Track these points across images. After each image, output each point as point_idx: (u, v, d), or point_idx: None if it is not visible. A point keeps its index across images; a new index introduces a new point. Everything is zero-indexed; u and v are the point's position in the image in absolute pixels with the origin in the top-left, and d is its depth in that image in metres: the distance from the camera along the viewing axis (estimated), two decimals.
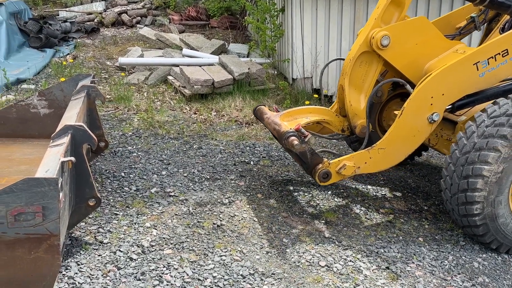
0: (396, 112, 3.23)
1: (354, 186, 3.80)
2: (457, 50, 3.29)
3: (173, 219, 3.04)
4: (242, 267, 2.61)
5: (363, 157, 3.14)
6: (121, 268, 2.49)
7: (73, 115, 2.90)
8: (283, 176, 3.84)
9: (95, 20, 9.92)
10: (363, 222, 3.25)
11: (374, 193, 3.72)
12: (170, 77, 6.12)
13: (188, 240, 2.81)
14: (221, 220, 3.07)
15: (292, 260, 2.73)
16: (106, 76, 6.49)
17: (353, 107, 3.34)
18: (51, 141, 2.47)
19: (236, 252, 2.75)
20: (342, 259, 2.79)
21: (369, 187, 3.82)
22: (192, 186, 3.51)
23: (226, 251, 2.74)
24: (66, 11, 10.11)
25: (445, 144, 3.50)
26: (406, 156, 3.24)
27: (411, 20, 3.29)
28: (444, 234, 3.18)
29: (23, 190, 1.92)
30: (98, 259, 2.54)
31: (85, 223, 2.88)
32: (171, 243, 2.76)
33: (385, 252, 2.91)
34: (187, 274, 2.50)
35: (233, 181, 3.66)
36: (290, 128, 3.02)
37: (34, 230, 1.98)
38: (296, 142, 2.90)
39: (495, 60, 3.11)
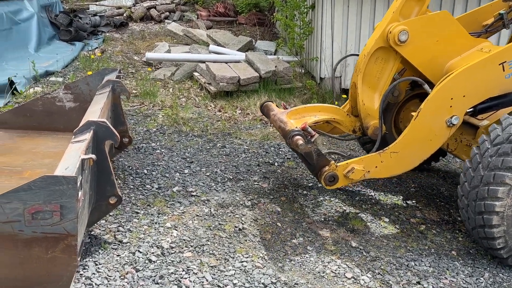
0: (413, 113, 3.03)
1: (383, 192, 3.63)
2: (482, 49, 3.04)
3: (194, 220, 2.96)
4: (263, 275, 2.50)
5: (374, 160, 2.95)
6: (139, 270, 2.42)
7: (96, 110, 2.85)
8: (308, 179, 3.71)
9: (124, 15, 9.99)
10: (392, 232, 3.08)
11: (405, 201, 3.54)
12: (196, 74, 6.06)
13: (208, 243, 2.72)
14: (243, 223, 2.96)
15: (316, 270, 2.60)
16: (133, 71, 6.49)
17: (366, 107, 3.15)
18: (73, 136, 2.42)
19: (258, 258, 2.64)
20: (370, 271, 2.64)
21: (399, 194, 3.64)
22: (214, 186, 3.42)
23: (247, 257, 2.63)
24: (96, 5, 10.21)
25: (464, 150, 3.28)
26: (421, 161, 3.03)
27: (432, 15, 3.06)
28: (479, 248, 2.98)
29: (41, 187, 1.87)
30: (117, 260, 2.48)
31: (106, 221, 2.83)
32: (191, 246, 2.68)
33: (416, 265, 2.74)
34: (207, 280, 2.41)
35: (256, 183, 3.55)
36: (296, 127, 2.86)
37: (52, 229, 1.93)
38: (300, 142, 2.74)
39: None
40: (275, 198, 3.35)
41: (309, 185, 3.62)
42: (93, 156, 2.18)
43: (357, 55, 3.31)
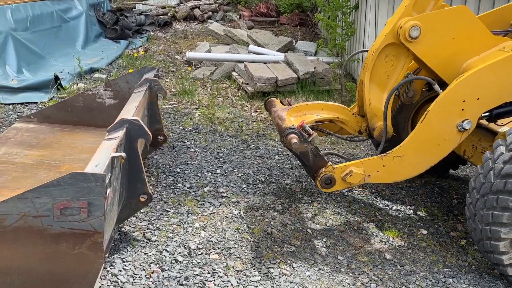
0: None
1: (423, 202, 3.45)
2: (503, 48, 2.75)
3: (223, 221, 2.93)
4: (290, 283, 2.43)
5: (375, 164, 2.76)
6: (165, 270, 2.41)
7: (132, 108, 2.88)
8: None
9: (169, 14, 10.19)
10: (430, 245, 2.91)
11: (446, 213, 3.34)
12: (234, 73, 6.06)
13: (236, 246, 2.68)
14: (272, 228, 2.90)
15: (346, 282, 2.50)
16: (174, 69, 6.58)
17: (373, 106, 2.95)
18: (107, 133, 2.45)
19: (285, 265, 2.57)
20: (404, 286, 2.50)
21: (440, 205, 3.44)
22: (245, 188, 3.38)
23: (274, 263, 2.57)
24: (142, 4, 10.48)
25: (481, 158, 3.04)
26: (427, 167, 2.81)
27: (449, 10, 2.81)
28: None
29: (70, 184, 1.88)
30: (144, 258, 2.49)
31: (136, 217, 2.86)
32: (218, 248, 2.65)
33: (454, 282, 2.58)
34: (232, 284, 2.37)
35: (288, 186, 3.47)
36: (293, 125, 2.72)
37: (79, 225, 1.95)
38: (295, 140, 2.60)
39: None
40: (307, 203, 3.26)
41: (343, 192, 3.50)
42: (123, 154, 2.19)
43: (367, 51, 3.11)
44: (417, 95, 3.21)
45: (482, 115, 2.76)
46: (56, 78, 5.23)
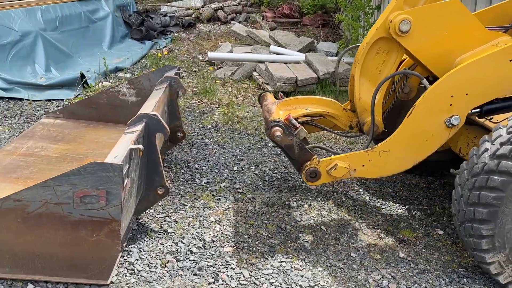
0: None
1: (441, 203, 3.41)
2: (497, 44, 2.66)
3: (238, 216, 2.98)
4: (302, 277, 2.46)
5: (361, 158, 2.73)
6: (180, 260, 2.48)
7: (152, 104, 2.97)
8: (359, 184, 3.59)
9: (193, 16, 10.35)
10: (446, 246, 2.88)
11: None
12: (255, 73, 6.12)
13: (249, 240, 2.73)
14: (286, 224, 2.94)
15: (358, 278, 2.51)
16: (196, 69, 6.70)
17: (363, 101, 2.90)
18: (127, 127, 2.54)
19: (298, 260, 2.60)
20: (416, 284, 2.49)
21: None
22: (261, 185, 3.43)
23: (287, 258, 2.60)
24: (167, 5, 10.68)
25: None
26: (415, 163, 2.76)
27: (440, 4, 2.73)
28: None
29: (89, 173, 1.98)
30: (160, 248, 2.57)
31: (154, 210, 2.94)
32: (232, 241, 2.70)
33: (469, 282, 2.55)
34: (244, 276, 2.42)
35: (304, 184, 3.50)
36: (279, 118, 2.72)
37: (97, 213, 2.04)
38: (278, 133, 2.59)
39: None
40: (322, 201, 3.28)
41: (360, 190, 3.50)
42: (141, 146, 2.28)
43: None
44: (414, 91, 3.15)
45: (472, 111, 2.68)
46: (82, 76, 5.41)
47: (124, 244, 2.48)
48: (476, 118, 2.84)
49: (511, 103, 2.68)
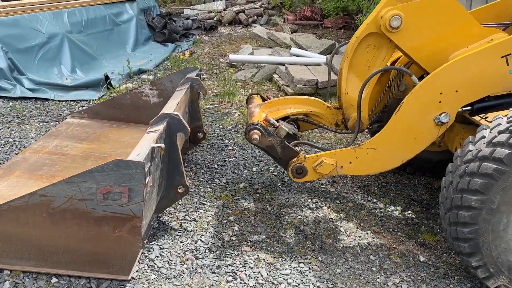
0: None
1: None
2: (491, 40, 2.59)
3: (256, 216, 3.00)
4: (320, 278, 2.46)
5: (348, 155, 2.69)
6: (199, 258, 2.52)
7: (173, 104, 3.02)
8: (380, 187, 3.55)
9: (215, 19, 10.45)
10: None
11: None
12: (275, 76, 6.13)
13: (268, 240, 2.74)
14: (304, 225, 2.94)
15: (377, 281, 2.49)
16: (217, 72, 6.75)
17: (349, 96, 2.86)
18: (149, 127, 2.59)
19: (316, 261, 2.59)
20: None
21: None
22: (280, 186, 3.43)
23: (305, 259, 2.60)
24: (190, 9, 10.82)
25: None
26: (403, 161, 2.70)
27: None
28: None
29: (113, 170, 2.03)
30: (180, 246, 2.61)
31: (174, 208, 2.98)
32: (251, 241, 2.72)
33: None
34: (262, 275, 2.43)
35: (323, 186, 3.49)
36: (258, 121, 2.70)
37: (120, 210, 2.09)
38: (255, 136, 2.59)
39: None
40: (342, 204, 3.27)
41: (380, 193, 3.47)
42: (162, 145, 2.32)
43: None
44: (410, 89, 3.05)
45: (463, 109, 2.62)
46: (107, 78, 5.53)
47: (145, 241, 2.53)
48: (470, 116, 2.77)
49: (504, 101, 2.60)
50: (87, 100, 5.13)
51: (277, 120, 2.87)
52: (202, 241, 2.67)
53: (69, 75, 5.72)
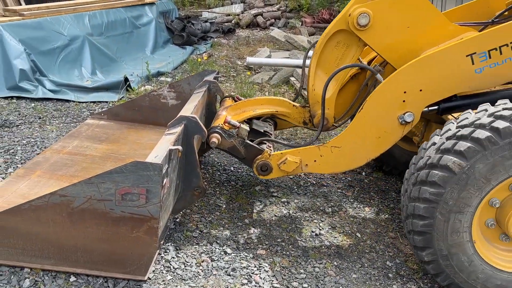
0: None
1: None
2: (462, 39, 2.52)
3: (272, 219, 3.00)
4: (335, 283, 2.44)
5: (313, 153, 2.67)
6: (214, 260, 2.53)
7: (191, 107, 3.04)
8: (397, 192, 3.51)
9: (233, 21, 10.50)
10: None
11: None
12: (292, 78, 6.13)
13: (283, 244, 2.74)
14: (320, 229, 2.92)
15: (393, 287, 2.46)
16: (234, 74, 6.79)
17: (316, 93, 2.83)
18: (167, 129, 2.62)
19: (332, 266, 2.58)
20: None
21: None
22: (296, 189, 3.43)
23: (320, 263, 2.59)
24: (208, 12, 10.89)
25: None
26: (368, 160, 2.67)
27: None
28: None
29: (131, 172, 2.05)
30: (195, 248, 2.62)
31: (191, 210, 3.01)
32: (266, 244, 2.72)
33: None
34: (277, 279, 2.43)
35: (339, 190, 3.47)
36: (219, 124, 2.71)
37: (138, 210, 2.11)
38: (214, 139, 2.61)
39: (500, 54, 2.33)
40: (358, 208, 3.24)
41: (398, 198, 3.42)
42: (180, 147, 2.34)
43: None
44: None
45: (429, 108, 2.57)
46: (126, 80, 5.61)
47: (162, 242, 2.55)
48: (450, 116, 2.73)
49: (471, 101, 2.53)
50: (106, 102, 5.21)
51: (248, 121, 2.91)
52: (218, 243, 2.68)
53: (89, 77, 5.82)
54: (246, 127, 2.78)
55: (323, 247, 2.75)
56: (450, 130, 2.23)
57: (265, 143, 2.88)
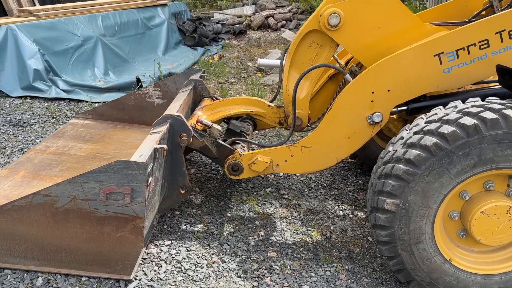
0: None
1: None
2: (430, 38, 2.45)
3: (282, 222, 2.92)
4: (346, 287, 2.36)
5: (283, 153, 2.61)
6: (225, 262, 2.45)
7: (176, 106, 2.90)
8: None
9: (244, 23, 10.46)
10: None
11: None
12: None
13: (294, 246, 2.66)
14: (331, 232, 2.84)
15: None
16: (245, 76, 6.74)
17: (289, 93, 2.73)
18: (152, 128, 2.50)
19: (343, 270, 2.49)
20: None
21: None
22: (306, 192, 3.34)
23: (331, 267, 2.50)
24: (220, 13, 10.88)
25: None
26: (338, 160, 2.62)
27: None
28: None
29: (115, 171, 1.96)
30: (206, 249, 2.55)
31: (201, 211, 2.94)
32: (276, 246, 2.65)
33: None
34: (287, 282, 2.34)
35: (351, 193, 3.37)
36: (192, 123, 2.62)
37: (122, 210, 2.01)
38: (184, 138, 2.50)
39: (468, 53, 2.27)
40: None
41: None
42: (165, 146, 2.25)
43: None
44: None
45: (399, 108, 2.48)
46: (138, 80, 5.60)
47: (147, 241, 2.50)
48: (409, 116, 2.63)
49: (440, 101, 2.42)
50: None
51: (227, 121, 2.88)
52: (228, 245, 2.61)
53: (102, 77, 5.82)
54: (218, 127, 2.73)
55: (334, 250, 2.67)
56: (419, 125, 2.16)
57: (239, 143, 2.83)
